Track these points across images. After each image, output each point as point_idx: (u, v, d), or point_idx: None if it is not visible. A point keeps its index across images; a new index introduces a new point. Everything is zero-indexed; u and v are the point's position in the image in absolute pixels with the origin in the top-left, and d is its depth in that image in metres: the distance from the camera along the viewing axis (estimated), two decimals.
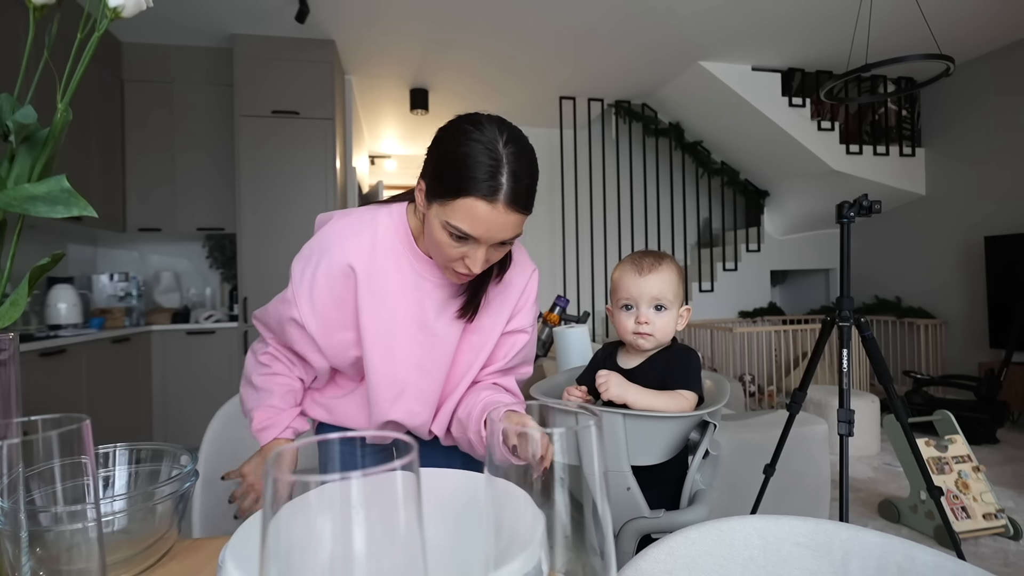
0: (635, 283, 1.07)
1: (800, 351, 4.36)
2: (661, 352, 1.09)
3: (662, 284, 1.05)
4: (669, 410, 0.97)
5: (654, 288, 1.05)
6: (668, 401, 0.98)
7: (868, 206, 1.69)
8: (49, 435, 0.37)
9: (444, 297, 0.90)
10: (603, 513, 0.27)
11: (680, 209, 5.35)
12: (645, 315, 1.06)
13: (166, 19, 3.41)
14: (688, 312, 1.11)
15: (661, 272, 1.06)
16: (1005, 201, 4.08)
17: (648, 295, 1.06)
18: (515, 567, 0.29)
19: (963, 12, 3.58)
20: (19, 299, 0.47)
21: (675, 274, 1.07)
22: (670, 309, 1.07)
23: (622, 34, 3.79)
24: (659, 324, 1.06)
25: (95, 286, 3.51)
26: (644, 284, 1.06)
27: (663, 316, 1.06)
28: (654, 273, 1.06)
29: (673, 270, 1.07)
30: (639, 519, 0.99)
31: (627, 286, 1.08)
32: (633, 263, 1.09)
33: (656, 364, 1.08)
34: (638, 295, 1.07)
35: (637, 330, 1.07)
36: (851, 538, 0.59)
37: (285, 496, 0.20)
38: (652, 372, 1.06)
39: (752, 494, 1.87)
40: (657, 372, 1.06)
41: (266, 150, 3.55)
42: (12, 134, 0.45)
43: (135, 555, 0.54)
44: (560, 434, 0.26)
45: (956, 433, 2.33)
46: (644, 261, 1.08)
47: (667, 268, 1.07)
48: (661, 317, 1.06)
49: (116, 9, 0.47)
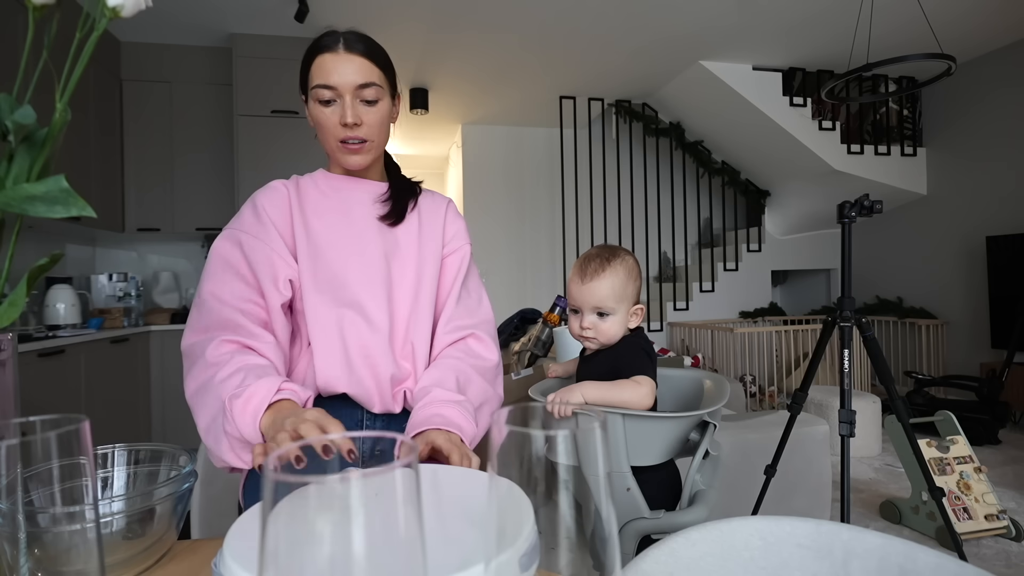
0: (578, 290, 1.10)
1: (801, 351, 4.35)
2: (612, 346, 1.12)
3: (603, 291, 1.07)
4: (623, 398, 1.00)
5: (595, 296, 1.07)
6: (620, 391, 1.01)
7: (869, 206, 1.69)
8: (47, 436, 0.37)
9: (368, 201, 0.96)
10: (607, 515, 0.27)
11: (680, 209, 5.35)
12: (588, 321, 1.09)
13: (165, 18, 3.41)
14: (641, 310, 1.12)
15: (603, 279, 1.07)
16: (1007, 201, 4.08)
17: (590, 303, 1.09)
18: (505, 558, 0.29)
19: (964, 11, 3.58)
20: (17, 299, 0.47)
21: (621, 277, 1.08)
22: (614, 314, 1.08)
23: (622, 34, 3.79)
24: (602, 328, 1.09)
25: (94, 286, 3.50)
26: (586, 292, 1.09)
27: (606, 321, 1.08)
28: (596, 280, 1.07)
29: (619, 273, 1.08)
30: (639, 520, 0.99)
31: (571, 293, 1.12)
32: (579, 268, 1.11)
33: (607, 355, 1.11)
34: (581, 302, 1.10)
35: (582, 333, 1.11)
36: (852, 539, 0.59)
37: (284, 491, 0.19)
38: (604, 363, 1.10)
39: (753, 495, 1.87)
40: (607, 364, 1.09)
41: (265, 150, 3.55)
42: (11, 134, 0.45)
43: (134, 556, 0.54)
44: (563, 436, 0.26)
45: (958, 434, 2.32)
46: (588, 267, 1.09)
47: (611, 273, 1.07)
48: (604, 322, 1.09)
49: (115, 8, 0.47)
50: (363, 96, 0.89)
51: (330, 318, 0.88)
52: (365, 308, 0.89)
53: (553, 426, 0.26)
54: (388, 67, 0.94)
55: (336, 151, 0.93)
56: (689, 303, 5.02)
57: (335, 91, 0.88)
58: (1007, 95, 4.09)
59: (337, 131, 0.90)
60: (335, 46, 0.89)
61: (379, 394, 0.89)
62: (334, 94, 0.88)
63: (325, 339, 0.87)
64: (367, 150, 0.92)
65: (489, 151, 5.65)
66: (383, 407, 0.90)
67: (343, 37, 0.90)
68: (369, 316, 0.89)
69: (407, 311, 0.93)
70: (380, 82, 0.90)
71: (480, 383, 0.93)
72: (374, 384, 0.88)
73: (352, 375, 0.87)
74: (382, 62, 0.92)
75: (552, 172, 5.64)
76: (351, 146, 0.91)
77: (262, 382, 0.73)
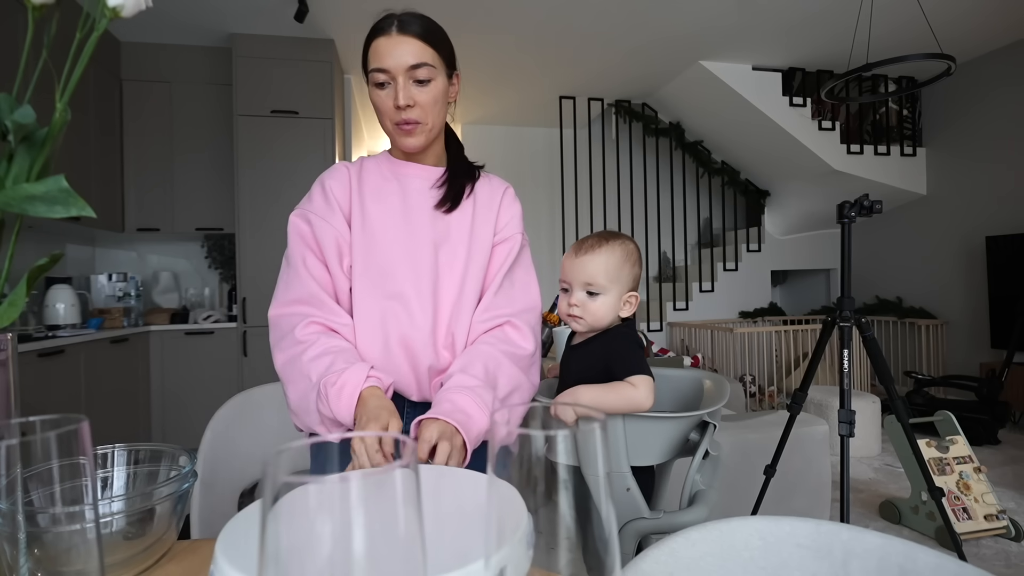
0: (571, 264, 1.05)
1: (801, 351, 4.35)
2: (599, 335, 1.06)
3: (596, 267, 1.02)
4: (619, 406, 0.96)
5: (587, 271, 1.02)
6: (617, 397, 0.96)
7: (869, 206, 1.69)
8: (47, 436, 0.37)
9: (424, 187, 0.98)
10: (606, 515, 0.27)
11: (680, 209, 5.35)
12: (576, 298, 1.04)
13: (165, 18, 3.41)
14: (635, 299, 1.06)
15: (598, 255, 1.02)
16: (1006, 201, 4.08)
17: (580, 279, 1.03)
18: (502, 555, 0.29)
19: (964, 11, 3.58)
20: (17, 299, 0.47)
21: (616, 257, 1.03)
22: (605, 294, 1.02)
23: (622, 34, 3.79)
24: (591, 308, 1.03)
25: (93, 286, 3.50)
26: (578, 266, 1.04)
27: (596, 301, 1.03)
28: (590, 255, 1.03)
29: (615, 253, 1.03)
30: (639, 520, 0.99)
31: (564, 267, 1.07)
32: (575, 245, 1.06)
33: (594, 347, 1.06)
34: (572, 277, 1.05)
35: (569, 312, 1.05)
36: (852, 539, 0.59)
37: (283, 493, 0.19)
38: (590, 355, 1.05)
39: (753, 495, 1.87)
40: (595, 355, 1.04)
41: (265, 150, 3.55)
42: (11, 134, 0.45)
43: (134, 556, 0.54)
44: (563, 436, 0.26)
45: (957, 434, 2.32)
46: (586, 242, 1.05)
47: (607, 251, 1.03)
48: (593, 301, 1.03)
49: (115, 8, 0.47)
50: (415, 76, 0.89)
51: (374, 309, 0.91)
52: (409, 302, 0.91)
53: (553, 426, 0.26)
54: (443, 46, 0.93)
55: (393, 133, 0.95)
56: (689, 303, 5.02)
57: (388, 74, 0.89)
58: (1007, 95, 4.09)
59: (392, 113, 0.91)
60: (389, 28, 0.89)
61: (417, 384, 0.92)
62: (388, 77, 0.89)
63: (368, 329, 0.91)
64: (421, 131, 0.93)
65: (489, 151, 5.64)
66: (421, 396, 0.93)
67: (397, 19, 0.90)
68: (412, 310, 0.91)
69: (452, 301, 0.94)
70: (433, 62, 0.90)
71: (511, 369, 0.92)
72: (412, 374, 0.92)
73: (391, 363, 0.90)
74: (436, 41, 0.92)
75: (552, 172, 5.64)
76: (405, 127, 0.92)
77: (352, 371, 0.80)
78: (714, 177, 5.24)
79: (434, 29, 0.92)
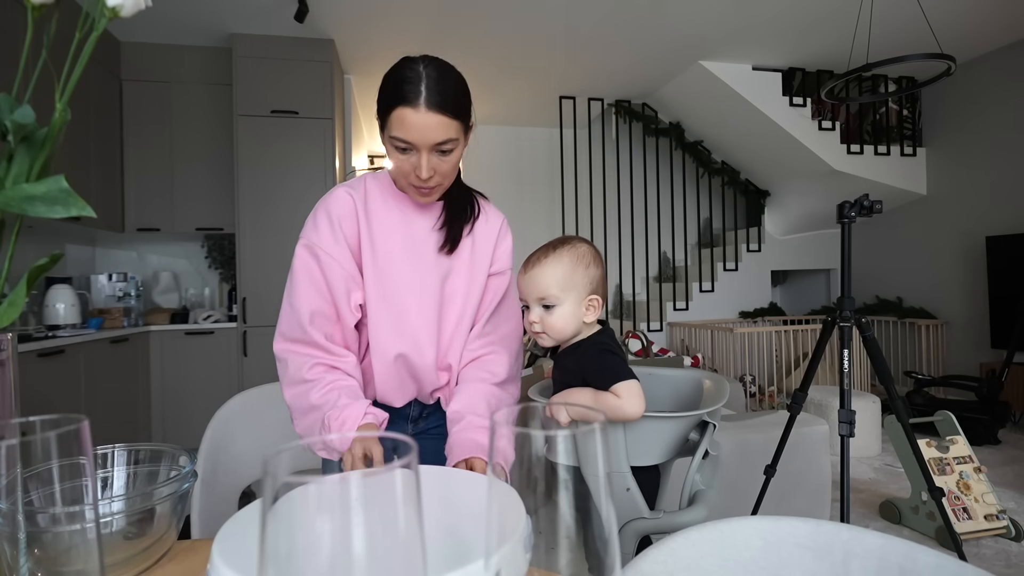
0: (523, 281, 1.02)
1: (801, 351, 4.35)
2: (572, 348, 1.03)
3: (546, 279, 0.98)
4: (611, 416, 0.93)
5: (538, 286, 0.99)
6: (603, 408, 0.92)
7: (869, 206, 1.69)
8: (47, 436, 0.37)
9: (427, 228, 1.02)
10: (606, 515, 0.27)
11: (680, 209, 5.35)
12: (534, 314, 1.01)
13: (165, 18, 3.41)
14: (598, 301, 1.01)
15: (545, 267, 0.98)
16: (1006, 201, 4.08)
17: (534, 294, 1.00)
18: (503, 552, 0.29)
19: (964, 11, 3.58)
20: (17, 299, 0.47)
21: (565, 265, 0.98)
22: (561, 305, 0.98)
23: (622, 34, 3.79)
24: (549, 322, 0.99)
25: (93, 286, 3.50)
26: (529, 281, 1.00)
27: (553, 314, 0.99)
28: (537, 268, 0.99)
29: (563, 260, 0.98)
30: (639, 520, 0.99)
31: (519, 285, 1.04)
32: (526, 260, 1.03)
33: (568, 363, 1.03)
34: (526, 294, 1.01)
35: (531, 329, 1.02)
36: (852, 539, 0.59)
37: None
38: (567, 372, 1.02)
39: (753, 495, 1.87)
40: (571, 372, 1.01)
41: (265, 150, 3.55)
42: (10, 134, 0.45)
43: (134, 556, 0.54)
44: (563, 436, 0.26)
45: (957, 434, 2.32)
46: (533, 256, 1.01)
47: (553, 261, 0.98)
48: (551, 315, 0.99)
49: (115, 8, 0.47)
50: (440, 148, 0.90)
51: (389, 352, 0.99)
52: (420, 344, 1.00)
53: (553, 426, 0.26)
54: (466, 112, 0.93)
55: (408, 190, 0.97)
56: (689, 303, 5.02)
57: (412, 145, 0.89)
58: (1007, 95, 4.09)
59: (411, 177, 0.93)
60: (415, 101, 0.86)
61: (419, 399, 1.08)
62: (411, 146, 0.90)
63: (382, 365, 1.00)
64: (437, 191, 0.97)
65: (489, 151, 5.65)
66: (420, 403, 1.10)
67: (425, 91, 0.86)
68: (422, 347, 1.00)
69: (451, 331, 1.03)
70: (457, 134, 0.90)
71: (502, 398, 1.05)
72: (417, 394, 1.06)
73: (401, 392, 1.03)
74: (460, 110, 0.90)
75: (552, 172, 5.64)
76: (423, 190, 0.95)
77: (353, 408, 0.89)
78: (714, 177, 5.23)
79: (459, 94, 0.90)
